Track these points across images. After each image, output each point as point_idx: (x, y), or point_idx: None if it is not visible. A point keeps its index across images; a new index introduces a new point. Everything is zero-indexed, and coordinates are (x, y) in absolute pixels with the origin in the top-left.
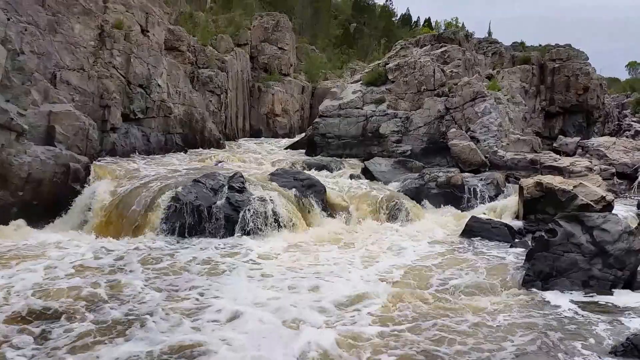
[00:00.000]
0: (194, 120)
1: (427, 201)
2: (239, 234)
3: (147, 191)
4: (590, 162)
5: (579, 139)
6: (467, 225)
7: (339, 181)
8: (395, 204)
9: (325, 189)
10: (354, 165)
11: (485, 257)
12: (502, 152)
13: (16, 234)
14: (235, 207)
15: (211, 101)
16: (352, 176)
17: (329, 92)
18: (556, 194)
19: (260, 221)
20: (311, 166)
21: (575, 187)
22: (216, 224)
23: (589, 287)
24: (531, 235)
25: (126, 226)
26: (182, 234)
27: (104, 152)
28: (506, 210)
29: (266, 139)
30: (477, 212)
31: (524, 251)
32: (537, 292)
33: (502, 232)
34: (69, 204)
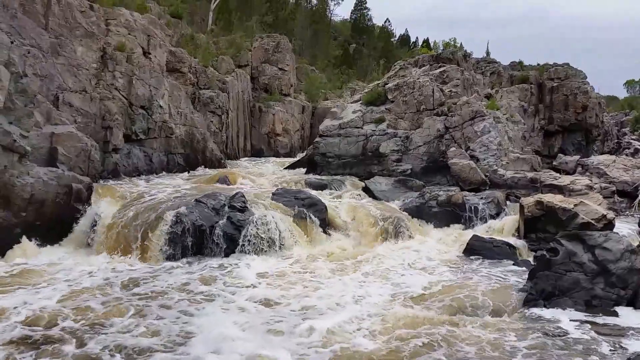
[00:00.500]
0: (196, 140)
1: (428, 220)
2: (240, 253)
3: (149, 211)
4: (590, 180)
5: (579, 157)
6: (468, 244)
7: (340, 200)
8: (396, 223)
9: (326, 208)
10: (355, 184)
11: (487, 276)
12: (502, 171)
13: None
14: (236, 227)
15: (212, 121)
16: (352, 195)
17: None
18: (557, 212)
19: (261, 240)
20: (312, 185)
21: (575, 205)
22: (218, 244)
23: (591, 306)
24: (533, 254)
25: (128, 247)
26: (184, 254)
27: (106, 173)
28: (507, 228)
29: (267, 159)
30: (478, 231)
31: (526, 270)
32: (540, 311)
33: (503, 251)
34: (72, 225)
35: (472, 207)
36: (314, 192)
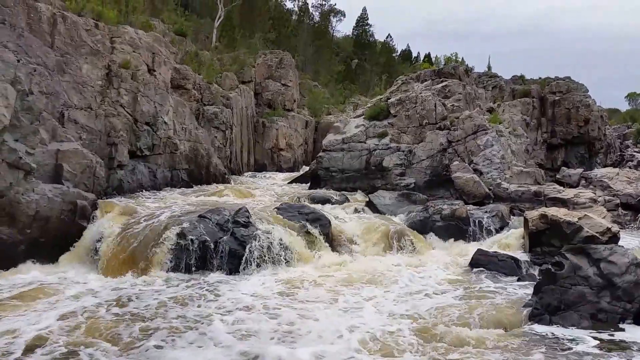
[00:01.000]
0: (200, 155)
1: (432, 234)
2: (244, 269)
3: (153, 227)
4: (594, 193)
5: (582, 170)
6: (473, 258)
7: (344, 214)
8: (400, 237)
9: (330, 223)
10: (358, 198)
11: (492, 291)
12: (505, 185)
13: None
14: (240, 242)
15: (216, 137)
16: (356, 209)
17: (332, 127)
18: (561, 226)
19: (264, 256)
20: (315, 200)
21: (580, 219)
22: (222, 259)
23: (597, 320)
24: (538, 268)
25: (132, 263)
26: (188, 270)
27: (110, 189)
28: (512, 242)
29: (271, 173)
30: (482, 245)
31: (531, 284)
32: (546, 326)
33: (508, 265)
34: (76, 242)
35: (477, 221)
36: (318, 207)
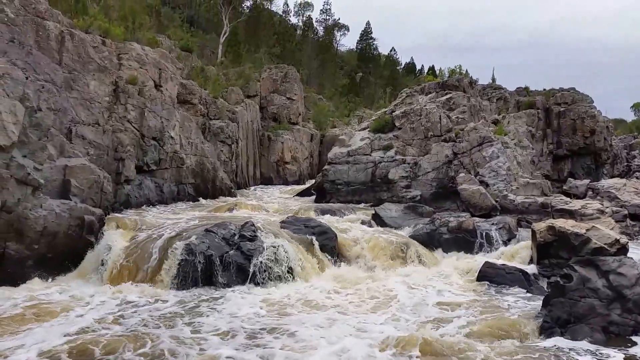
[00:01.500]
0: (206, 170)
1: (439, 247)
2: (250, 283)
3: (160, 242)
4: (601, 204)
5: (589, 181)
6: (481, 271)
7: (350, 227)
8: (407, 250)
9: (336, 236)
10: (364, 211)
11: (501, 304)
12: (512, 196)
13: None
14: (247, 256)
15: (222, 151)
16: (362, 222)
17: (337, 140)
18: (569, 237)
19: (270, 270)
20: (321, 213)
21: (588, 230)
22: (228, 274)
23: (609, 333)
24: (547, 280)
25: (139, 278)
26: (194, 285)
27: (118, 204)
28: (520, 255)
29: (276, 187)
30: (490, 257)
31: (540, 297)
32: (557, 339)
33: (517, 278)
34: (83, 257)
35: (484, 233)
36: (324, 220)
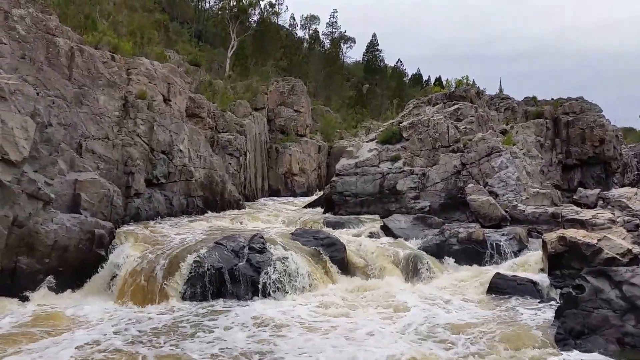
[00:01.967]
0: (214, 182)
1: (449, 258)
2: (260, 295)
3: (169, 255)
4: (612, 213)
5: (599, 190)
6: (492, 282)
7: (359, 239)
8: (416, 262)
9: (345, 248)
10: (373, 222)
11: (513, 316)
12: (522, 206)
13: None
14: (256, 268)
15: (230, 163)
16: (371, 233)
17: (345, 151)
18: (580, 248)
19: (279, 283)
20: (330, 224)
21: (599, 240)
22: (238, 286)
23: (624, 344)
24: (559, 291)
25: (149, 292)
26: (204, 297)
27: (128, 217)
28: (531, 265)
29: (285, 198)
30: (501, 268)
31: (553, 308)
32: (571, 351)
33: (528, 289)
34: (94, 270)
35: (494, 244)
36: (333, 232)
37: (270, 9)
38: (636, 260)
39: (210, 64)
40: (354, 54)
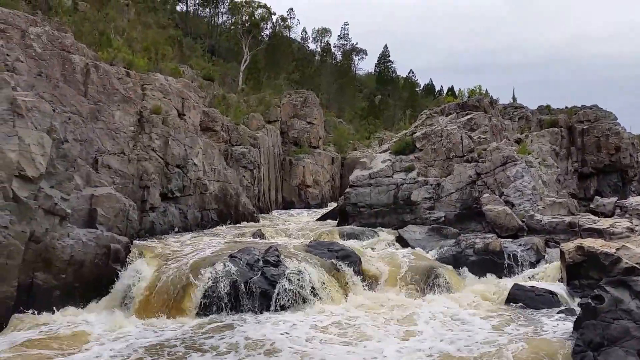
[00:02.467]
0: (229, 195)
1: (465, 269)
2: (274, 309)
3: (185, 269)
4: (630, 222)
5: (616, 199)
6: (510, 293)
7: (374, 251)
8: (433, 274)
9: (360, 260)
10: (388, 233)
11: (531, 327)
12: (539, 216)
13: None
14: (271, 282)
15: (244, 176)
16: (387, 245)
17: (358, 162)
18: (599, 257)
19: (294, 296)
20: (345, 236)
21: (618, 249)
22: (253, 300)
23: None
24: (577, 301)
25: (165, 306)
26: (219, 311)
27: (143, 231)
28: (549, 276)
29: (299, 210)
30: (519, 279)
31: (572, 319)
32: None
33: (547, 300)
34: (110, 285)
35: (511, 255)
36: (348, 243)
37: (282, 23)
38: None
39: (223, 78)
40: (366, 66)
